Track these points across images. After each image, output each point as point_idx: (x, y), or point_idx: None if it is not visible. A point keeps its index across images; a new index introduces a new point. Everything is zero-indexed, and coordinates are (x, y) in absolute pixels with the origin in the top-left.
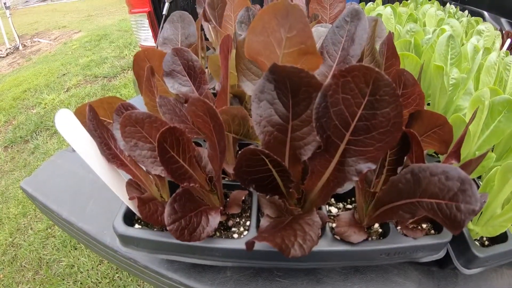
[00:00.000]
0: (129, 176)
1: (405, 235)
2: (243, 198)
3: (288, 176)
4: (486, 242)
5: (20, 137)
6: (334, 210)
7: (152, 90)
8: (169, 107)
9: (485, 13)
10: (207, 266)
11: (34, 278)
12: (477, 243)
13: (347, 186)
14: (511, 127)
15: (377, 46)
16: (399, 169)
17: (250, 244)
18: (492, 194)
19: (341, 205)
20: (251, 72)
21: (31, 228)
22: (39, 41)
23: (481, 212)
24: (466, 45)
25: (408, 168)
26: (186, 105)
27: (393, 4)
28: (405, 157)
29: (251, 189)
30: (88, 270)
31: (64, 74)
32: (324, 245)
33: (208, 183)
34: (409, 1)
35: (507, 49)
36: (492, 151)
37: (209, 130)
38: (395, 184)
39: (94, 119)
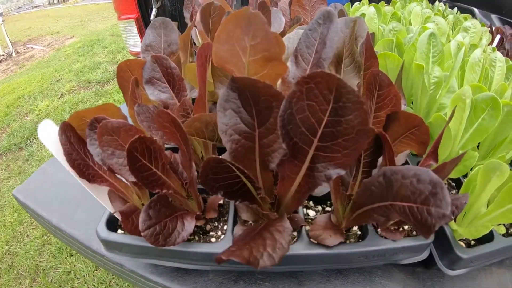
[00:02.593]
0: None
1: (385, 237)
2: (220, 202)
3: (253, 182)
4: (472, 242)
5: (15, 145)
6: (312, 213)
7: (137, 102)
8: (147, 115)
9: (476, 10)
10: (190, 269)
11: (31, 286)
12: (462, 243)
13: (325, 189)
14: (495, 124)
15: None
16: (374, 171)
17: (219, 259)
18: (475, 194)
19: (320, 207)
20: (227, 79)
21: (27, 236)
22: (32, 48)
23: (465, 212)
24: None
25: (380, 171)
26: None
27: (378, 4)
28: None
29: (219, 196)
30: (84, 276)
31: (58, 80)
32: (300, 249)
33: (184, 189)
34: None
35: (497, 45)
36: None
37: (177, 139)
38: (368, 187)
39: (68, 142)
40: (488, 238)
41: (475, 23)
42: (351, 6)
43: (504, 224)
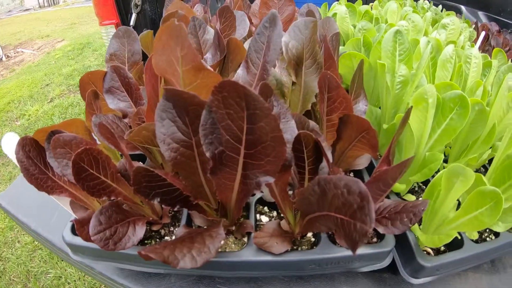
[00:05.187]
0: None
1: (340, 244)
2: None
3: (187, 190)
4: (442, 248)
5: None
6: (265, 219)
7: (94, 113)
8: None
9: (462, 7)
10: (154, 273)
11: None
12: (430, 249)
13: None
14: (463, 124)
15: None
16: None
17: (139, 253)
18: (440, 199)
19: (275, 213)
20: None
21: (18, 241)
22: (22, 51)
23: (431, 218)
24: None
25: (315, 180)
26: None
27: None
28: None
29: (156, 202)
30: (75, 280)
31: (48, 85)
32: (249, 255)
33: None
34: None
35: (482, 41)
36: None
37: (121, 148)
38: (305, 196)
39: (25, 157)
40: (458, 244)
41: (454, 20)
42: (329, 6)
43: None
